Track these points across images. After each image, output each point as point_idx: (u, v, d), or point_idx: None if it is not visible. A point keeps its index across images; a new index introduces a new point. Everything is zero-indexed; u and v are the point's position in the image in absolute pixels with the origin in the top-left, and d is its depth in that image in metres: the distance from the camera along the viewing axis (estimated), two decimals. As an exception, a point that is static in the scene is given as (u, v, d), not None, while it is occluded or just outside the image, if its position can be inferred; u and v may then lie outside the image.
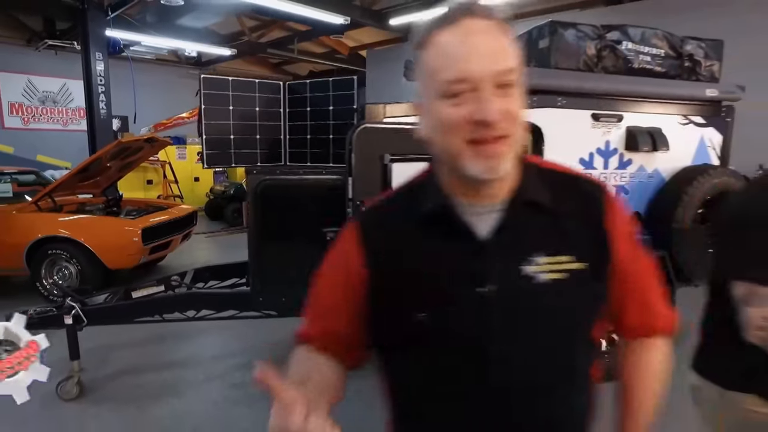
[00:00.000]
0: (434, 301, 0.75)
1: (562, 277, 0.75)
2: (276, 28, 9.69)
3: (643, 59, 3.29)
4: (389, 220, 0.82)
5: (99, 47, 6.96)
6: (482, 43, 0.69)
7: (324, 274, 0.86)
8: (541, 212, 0.77)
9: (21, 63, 9.12)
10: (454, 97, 0.69)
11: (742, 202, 1.37)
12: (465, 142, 0.70)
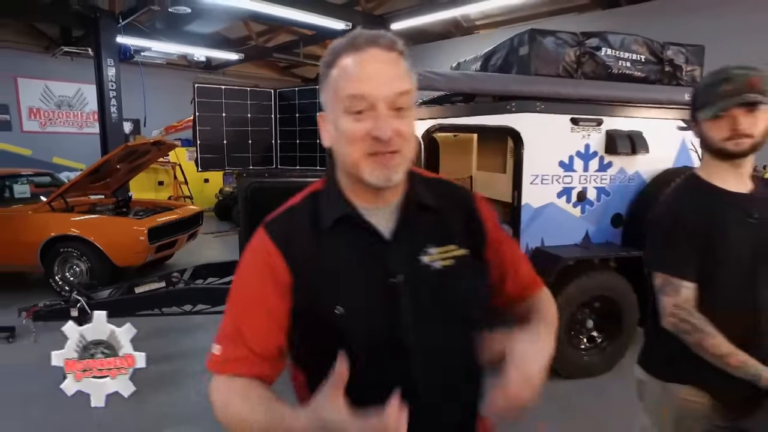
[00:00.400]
0: (352, 295, 0.85)
1: (451, 263, 0.89)
2: (283, 33, 9.90)
3: (623, 65, 3.40)
4: (299, 227, 0.89)
5: (110, 53, 7.23)
6: (381, 70, 0.80)
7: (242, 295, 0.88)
8: (429, 211, 0.91)
9: (39, 69, 9.47)
10: (356, 114, 0.80)
11: (661, 204, 1.50)
12: (364, 154, 0.81)
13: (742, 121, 1.30)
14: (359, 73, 0.80)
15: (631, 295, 3.28)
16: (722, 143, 1.34)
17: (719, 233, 1.34)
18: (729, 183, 1.39)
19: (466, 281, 0.90)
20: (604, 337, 3.37)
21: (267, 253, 0.87)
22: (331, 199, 0.90)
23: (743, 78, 1.31)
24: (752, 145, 1.33)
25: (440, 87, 2.92)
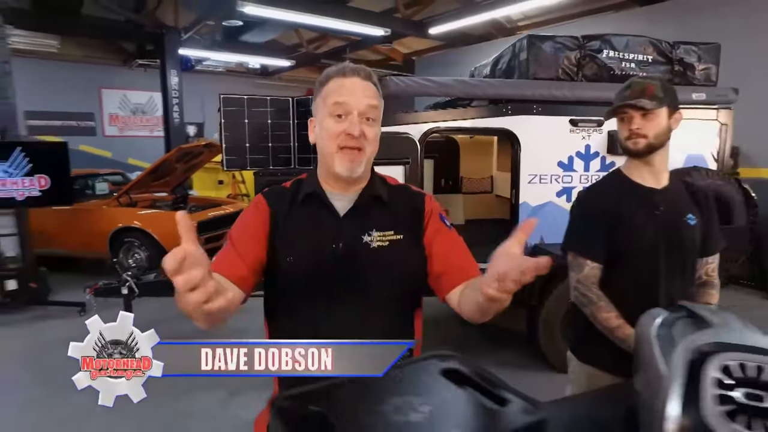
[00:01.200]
0: (302, 250, 1.12)
1: (386, 245, 1.14)
2: (332, 39, 10.38)
3: (627, 66, 3.44)
4: (283, 198, 1.18)
5: (173, 64, 8.03)
6: (358, 89, 1.10)
7: (237, 225, 1.18)
8: (380, 203, 1.17)
9: (118, 80, 10.60)
10: (337, 117, 1.08)
11: (581, 192, 1.68)
12: (337, 147, 1.09)
13: (636, 122, 1.47)
14: (343, 89, 1.10)
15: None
16: (624, 142, 1.52)
17: (625, 222, 1.51)
18: (645, 178, 1.55)
19: (392, 258, 1.14)
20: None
21: (260, 205, 1.18)
22: (308, 183, 1.19)
23: (642, 85, 1.48)
24: (647, 145, 1.48)
25: (435, 93, 3.14)
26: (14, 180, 4.58)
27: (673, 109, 1.51)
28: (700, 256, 1.56)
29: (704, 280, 1.57)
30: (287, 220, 1.15)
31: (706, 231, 1.54)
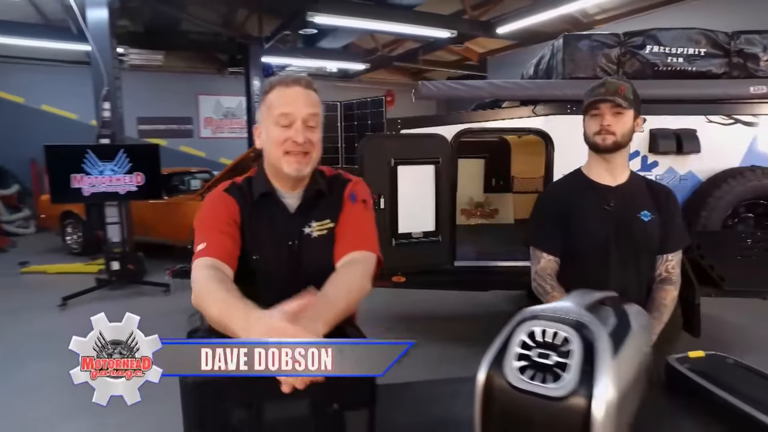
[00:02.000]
0: (265, 248, 1.23)
1: (325, 233, 1.26)
2: (407, 41, 10.63)
3: (674, 61, 3.30)
4: (243, 194, 1.27)
5: (257, 72, 8.80)
6: (301, 99, 1.19)
7: (210, 216, 1.23)
8: (321, 197, 1.27)
9: (213, 87, 11.74)
10: (282, 127, 1.17)
11: (542, 191, 1.77)
12: (284, 152, 1.18)
13: (608, 119, 1.55)
14: (287, 99, 1.19)
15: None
16: (593, 137, 1.60)
17: (578, 216, 1.60)
18: (601, 176, 1.63)
19: (329, 245, 1.24)
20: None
21: (228, 200, 1.25)
22: (259, 182, 1.27)
23: (616, 85, 1.56)
24: (614, 143, 1.56)
25: (465, 95, 3.26)
26: (118, 177, 5.39)
27: (638, 114, 1.57)
28: (659, 253, 1.59)
29: (663, 276, 1.60)
30: (250, 218, 1.25)
31: (666, 229, 1.57)
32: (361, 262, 1.19)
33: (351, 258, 1.20)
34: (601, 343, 0.81)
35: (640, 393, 1.03)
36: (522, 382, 0.80)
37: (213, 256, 1.13)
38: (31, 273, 6.55)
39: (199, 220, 1.25)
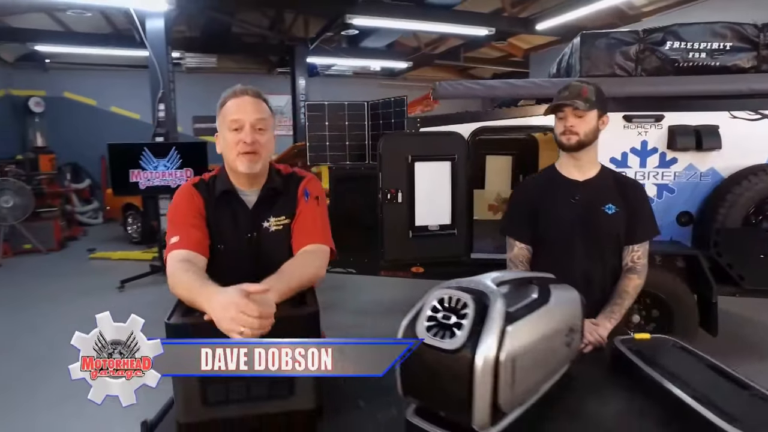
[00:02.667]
0: (227, 240, 1.40)
1: (281, 228, 1.43)
2: (450, 39, 10.69)
3: (696, 56, 3.27)
4: (208, 190, 1.43)
5: (302, 72, 9.19)
6: (249, 106, 1.38)
7: (181, 211, 1.39)
8: (277, 193, 1.44)
9: (263, 87, 11.53)
10: (234, 131, 1.36)
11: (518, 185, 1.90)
12: (238, 153, 1.36)
13: (571, 120, 1.67)
14: (237, 108, 1.38)
15: (685, 293, 3.18)
16: (559, 137, 1.72)
17: (547, 208, 1.72)
18: (570, 172, 1.74)
19: (286, 238, 1.43)
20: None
21: (195, 195, 1.42)
22: (220, 180, 1.45)
23: (578, 88, 1.68)
24: (578, 142, 1.67)
25: (481, 94, 3.39)
26: (170, 172, 5.89)
27: (602, 113, 1.67)
28: (626, 244, 1.68)
29: (629, 266, 1.69)
30: (215, 212, 1.41)
31: (631, 221, 1.66)
32: (314, 251, 1.37)
33: (305, 249, 1.38)
34: (493, 309, 0.96)
35: (557, 361, 1.17)
36: (429, 337, 0.97)
37: (185, 248, 1.31)
38: (97, 259, 7.26)
39: (170, 214, 1.42)
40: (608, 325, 1.60)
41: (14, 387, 3.42)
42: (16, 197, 7.13)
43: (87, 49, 8.99)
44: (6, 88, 9.92)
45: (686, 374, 1.20)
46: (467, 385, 0.92)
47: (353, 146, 4.26)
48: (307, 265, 1.33)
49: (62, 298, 5.39)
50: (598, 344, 1.55)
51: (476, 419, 0.93)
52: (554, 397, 1.18)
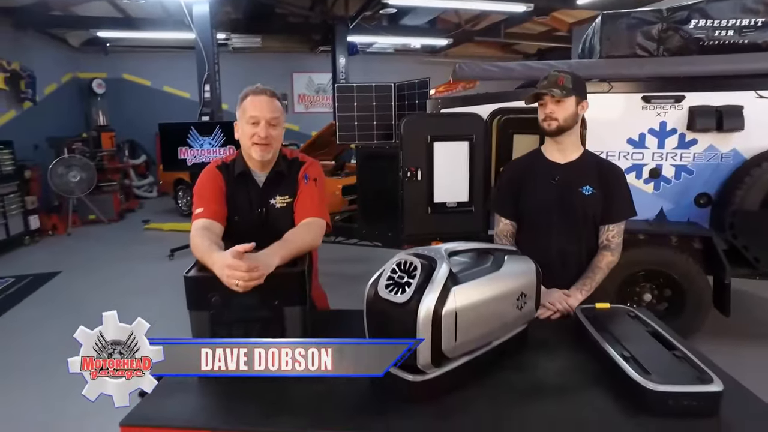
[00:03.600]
0: (242, 213, 1.68)
1: (285, 206, 1.70)
2: (492, 15, 10.51)
3: (723, 34, 3.22)
4: (228, 171, 1.70)
5: (342, 50, 9.39)
6: (265, 105, 1.61)
7: (206, 187, 1.66)
8: (283, 176, 1.71)
9: (305, 65, 12.60)
10: (252, 125, 1.60)
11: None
12: (252, 143, 1.62)
13: (550, 107, 1.81)
14: (255, 105, 1.62)
15: (698, 274, 3.21)
16: (541, 123, 1.86)
17: (529, 188, 1.88)
18: (553, 155, 1.89)
19: (287, 216, 1.69)
20: (662, 315, 3.37)
21: (217, 175, 1.70)
22: (238, 164, 1.71)
23: (556, 77, 1.81)
24: (558, 127, 1.81)
25: (498, 76, 3.47)
26: (215, 149, 6.30)
27: (581, 99, 1.79)
28: (601, 224, 1.82)
29: (604, 244, 1.82)
30: (233, 190, 1.69)
31: (607, 202, 1.79)
32: (311, 223, 1.63)
33: (304, 221, 1.64)
34: (438, 272, 1.17)
35: (507, 321, 1.36)
36: (386, 293, 1.20)
37: (207, 217, 1.59)
38: (151, 229, 7.89)
39: (197, 189, 1.70)
40: (579, 296, 1.76)
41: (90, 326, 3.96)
42: (83, 172, 7.83)
43: (143, 34, 9.56)
44: (73, 71, 10.71)
45: (626, 338, 1.36)
46: (412, 333, 1.13)
47: (381, 126, 4.45)
48: (305, 234, 1.58)
49: (122, 263, 5.99)
50: (566, 312, 1.72)
51: (420, 361, 1.15)
52: (506, 350, 1.38)
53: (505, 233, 1.94)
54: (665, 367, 1.20)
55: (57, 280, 5.37)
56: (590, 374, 1.31)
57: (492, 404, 1.19)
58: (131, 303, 4.63)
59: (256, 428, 1.13)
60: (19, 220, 6.78)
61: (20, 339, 3.95)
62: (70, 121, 10.05)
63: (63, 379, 3.08)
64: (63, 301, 4.76)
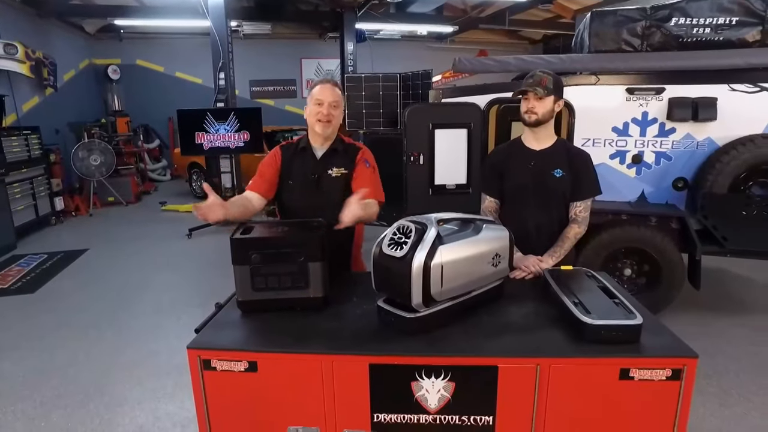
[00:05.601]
0: (297, 177, 2.12)
1: (339, 176, 2.11)
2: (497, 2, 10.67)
3: (700, 32, 3.49)
4: (290, 148, 2.15)
5: (350, 37, 9.65)
6: (328, 91, 2.03)
7: (264, 162, 2.15)
8: (338, 153, 2.13)
9: (314, 51, 12.86)
10: (317, 105, 2.02)
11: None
12: (316, 120, 2.04)
13: (532, 103, 2.13)
14: (321, 91, 2.03)
15: (672, 251, 3.54)
16: (523, 115, 2.18)
17: (509, 171, 2.22)
18: (530, 143, 2.22)
19: (342, 184, 2.10)
20: (641, 288, 3.71)
21: (276, 154, 2.16)
22: (303, 141, 2.15)
23: (540, 78, 2.13)
24: (536, 120, 2.14)
25: (495, 70, 3.77)
26: (230, 134, 6.66)
27: (558, 98, 2.11)
28: (570, 201, 2.15)
29: (573, 217, 2.16)
30: (292, 161, 2.14)
31: (575, 183, 2.12)
32: (372, 203, 2.01)
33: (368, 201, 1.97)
34: (428, 234, 1.52)
35: (484, 275, 1.71)
36: (388, 250, 1.55)
37: (251, 189, 2.10)
38: (168, 211, 8.30)
39: (260, 165, 2.17)
40: (550, 261, 2.11)
41: (115, 300, 4.40)
42: (102, 156, 8.23)
43: (158, 21, 9.85)
44: (89, 57, 11.05)
45: (579, 290, 1.71)
46: (408, 280, 1.49)
47: (387, 113, 4.77)
48: (371, 207, 2.00)
49: (144, 241, 6.41)
50: (538, 274, 2.07)
51: (414, 302, 1.50)
52: (482, 298, 1.73)
53: (489, 209, 2.28)
54: (603, 309, 1.55)
55: (86, 256, 5.79)
56: (548, 316, 1.66)
57: (468, 337, 1.55)
58: (156, 277, 5.05)
59: (287, 350, 1.50)
60: (47, 202, 7.20)
61: (64, 303, 4.43)
62: (88, 107, 10.43)
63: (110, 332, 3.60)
64: (94, 273, 5.19)
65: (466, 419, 1.44)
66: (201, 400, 1.49)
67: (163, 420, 2.75)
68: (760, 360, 3.25)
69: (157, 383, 3.10)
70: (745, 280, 4.67)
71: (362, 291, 1.84)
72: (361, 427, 1.47)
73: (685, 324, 3.59)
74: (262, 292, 1.71)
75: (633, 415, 1.42)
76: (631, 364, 1.37)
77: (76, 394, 2.99)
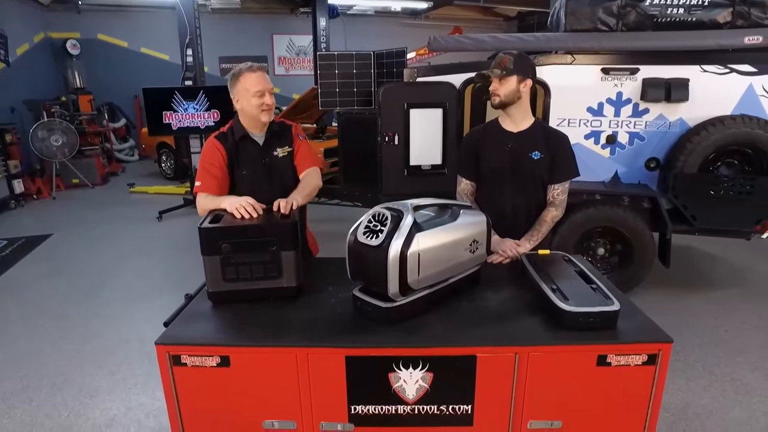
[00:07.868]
0: (247, 167, 2.09)
1: (285, 155, 2.15)
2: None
3: (674, 12, 3.49)
4: (227, 139, 2.08)
5: (323, 12, 9.39)
6: (264, 79, 2.02)
7: (207, 160, 2.05)
8: (277, 134, 2.14)
9: (286, 27, 12.47)
10: (259, 96, 1.99)
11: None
12: (261, 110, 2.02)
13: (494, 85, 2.08)
14: (257, 81, 2.00)
15: (644, 230, 3.60)
16: (491, 98, 2.13)
17: (486, 153, 2.18)
18: (507, 124, 2.18)
19: (289, 162, 2.16)
20: (614, 266, 3.79)
21: (218, 145, 2.08)
22: (237, 129, 2.10)
23: (500, 59, 2.08)
24: (500, 102, 2.09)
25: (471, 48, 3.71)
26: (199, 114, 6.43)
27: (523, 77, 2.05)
28: (548, 183, 2.14)
29: (551, 200, 2.15)
30: (236, 152, 2.09)
31: (552, 165, 2.11)
32: (313, 172, 2.15)
33: (307, 171, 2.15)
34: (404, 221, 1.48)
35: (462, 262, 1.68)
36: (363, 239, 1.50)
37: (204, 191, 2.00)
38: (136, 192, 8.03)
39: (199, 162, 2.09)
40: (527, 245, 2.10)
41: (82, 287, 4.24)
42: (64, 136, 7.86)
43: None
44: (45, 30, 10.44)
45: (557, 275, 1.70)
46: (384, 269, 1.45)
47: (361, 92, 4.66)
48: (312, 179, 2.12)
49: (112, 225, 6.20)
50: (516, 258, 2.06)
51: (390, 291, 1.47)
52: (459, 285, 1.71)
53: (465, 192, 2.25)
54: (580, 295, 1.55)
55: (50, 241, 5.57)
56: (526, 303, 1.65)
57: (445, 326, 1.52)
58: (125, 262, 4.89)
59: (261, 344, 1.45)
60: (4, 185, 6.87)
61: (27, 292, 4.25)
62: (46, 84, 9.90)
63: (78, 320, 3.48)
64: (59, 259, 4.99)
65: (444, 409, 1.43)
66: (172, 397, 1.43)
67: (135, 410, 2.68)
68: (720, 334, 3.37)
69: (128, 372, 3.01)
70: (712, 258, 4.82)
71: (337, 279, 1.79)
72: (338, 419, 1.44)
73: (654, 301, 3.69)
74: (233, 283, 1.65)
75: (609, 399, 1.43)
76: (608, 351, 1.37)
77: (43, 387, 2.89)
